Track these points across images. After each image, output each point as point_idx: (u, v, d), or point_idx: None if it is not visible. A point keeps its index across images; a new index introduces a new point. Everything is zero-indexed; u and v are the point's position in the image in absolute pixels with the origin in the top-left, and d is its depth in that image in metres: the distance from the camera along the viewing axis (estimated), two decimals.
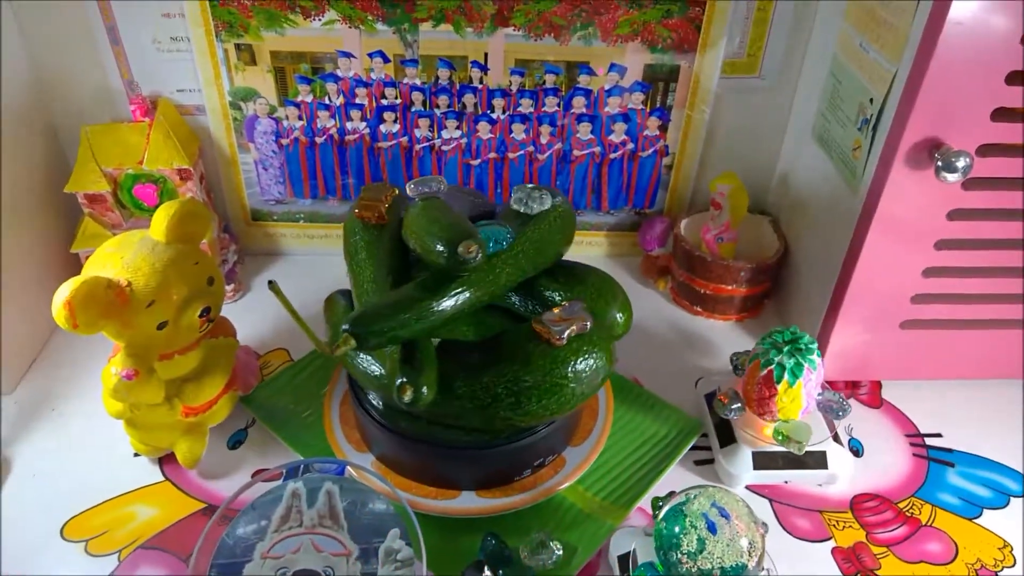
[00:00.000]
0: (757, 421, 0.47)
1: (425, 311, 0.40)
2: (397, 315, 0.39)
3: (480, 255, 0.39)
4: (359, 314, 0.39)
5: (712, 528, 0.36)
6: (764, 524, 0.41)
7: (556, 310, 0.42)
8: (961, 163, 0.43)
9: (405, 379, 0.39)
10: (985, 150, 0.44)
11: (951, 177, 0.44)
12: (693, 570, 0.36)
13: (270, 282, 0.36)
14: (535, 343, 0.41)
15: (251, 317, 0.60)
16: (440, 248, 0.40)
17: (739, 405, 0.47)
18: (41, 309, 0.53)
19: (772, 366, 0.44)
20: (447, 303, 0.41)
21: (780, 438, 0.47)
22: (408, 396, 0.38)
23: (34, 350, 0.57)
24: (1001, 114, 0.43)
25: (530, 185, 0.47)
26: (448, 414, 0.42)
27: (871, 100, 0.48)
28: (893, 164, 0.46)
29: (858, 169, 0.49)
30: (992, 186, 0.46)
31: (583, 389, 0.41)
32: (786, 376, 0.44)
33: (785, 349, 0.44)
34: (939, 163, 0.44)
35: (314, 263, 0.66)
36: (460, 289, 0.41)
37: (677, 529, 0.37)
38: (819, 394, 0.47)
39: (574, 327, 0.40)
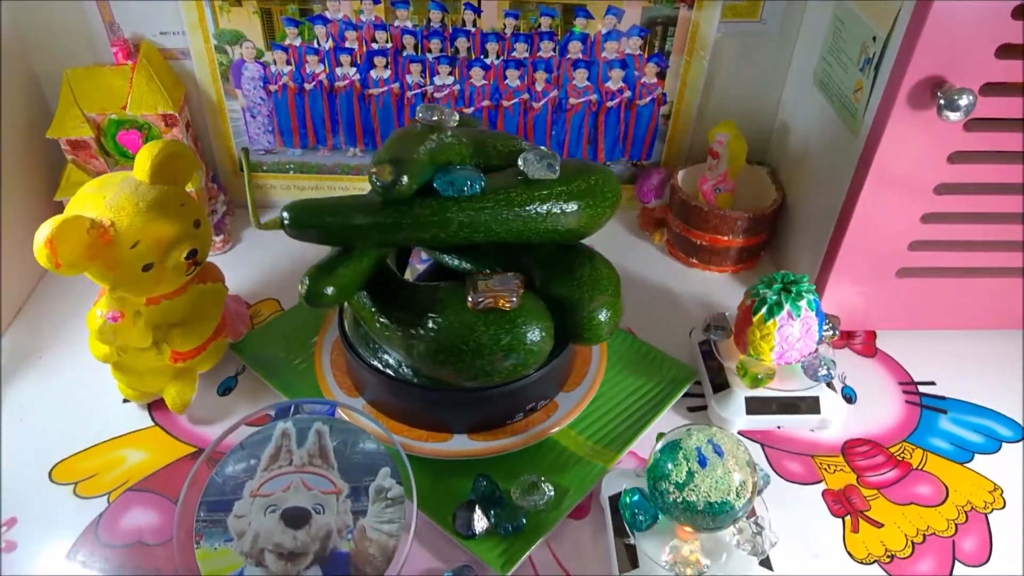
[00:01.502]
0: (734, 351, 0.48)
1: (346, 220, 0.41)
2: (323, 214, 0.41)
3: (394, 181, 0.39)
4: (298, 201, 0.42)
5: (702, 462, 0.36)
6: (766, 476, 0.41)
7: (493, 276, 0.41)
8: (964, 101, 0.42)
9: (307, 275, 0.41)
10: (988, 89, 0.44)
11: (953, 116, 0.43)
12: (679, 500, 0.36)
13: (243, 148, 0.41)
14: (456, 297, 0.41)
15: (241, 268, 0.59)
16: (371, 168, 0.40)
17: (724, 329, 0.48)
18: (26, 258, 0.53)
19: (757, 298, 0.45)
20: (365, 220, 0.41)
21: (740, 371, 0.47)
22: (302, 290, 0.40)
23: (19, 299, 0.56)
24: (1006, 51, 0.42)
25: (545, 150, 0.43)
26: (377, 334, 0.43)
27: (874, 38, 0.47)
28: (894, 104, 0.45)
29: (859, 111, 0.48)
30: (994, 127, 0.46)
31: (484, 365, 0.40)
32: (763, 311, 0.44)
33: (774, 286, 0.44)
34: (941, 101, 0.43)
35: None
36: (388, 213, 0.41)
37: (669, 460, 0.37)
38: (810, 354, 0.47)
39: (489, 300, 0.40)
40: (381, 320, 0.42)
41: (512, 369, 0.41)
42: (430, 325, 0.40)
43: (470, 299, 0.40)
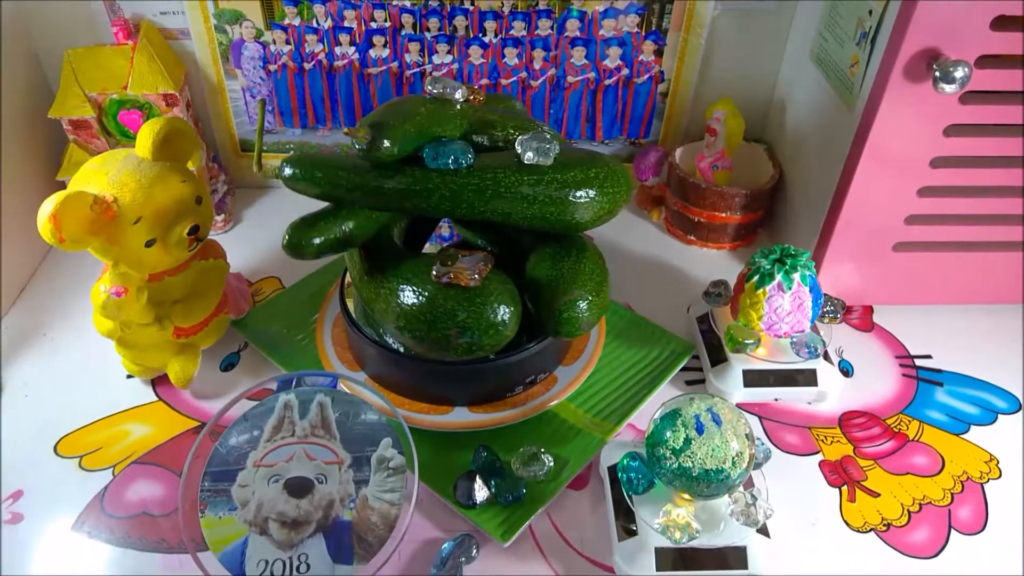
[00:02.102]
0: (728, 316, 0.49)
1: (334, 178, 0.42)
2: (314, 168, 0.43)
3: (371, 144, 0.40)
4: (299, 154, 0.44)
5: (700, 429, 0.37)
6: (767, 450, 0.41)
7: (466, 254, 0.42)
8: (959, 73, 0.43)
9: (291, 226, 0.42)
10: (984, 62, 0.44)
11: (949, 88, 0.43)
12: (675, 466, 0.36)
13: (261, 100, 0.42)
14: (425, 266, 0.41)
15: (242, 247, 0.59)
16: (346, 129, 0.41)
17: (723, 296, 0.49)
18: (29, 236, 0.53)
19: (753, 266, 0.45)
20: (349, 180, 0.42)
21: (727, 335, 0.48)
22: (284, 240, 0.42)
23: (23, 278, 0.57)
24: (1001, 23, 0.43)
25: (548, 135, 0.42)
26: (361, 291, 0.45)
27: (870, 12, 0.47)
28: (890, 78, 0.45)
29: (855, 85, 0.49)
30: (990, 100, 0.46)
31: (438, 338, 0.40)
32: (755, 279, 0.45)
33: (770, 257, 0.45)
34: (937, 74, 0.43)
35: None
36: (373, 176, 0.42)
37: (668, 427, 0.37)
38: (802, 332, 0.47)
39: (451, 276, 0.40)
40: (364, 278, 0.44)
41: (467, 347, 0.40)
42: (399, 291, 0.41)
43: (434, 271, 0.40)
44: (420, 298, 0.40)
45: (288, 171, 0.43)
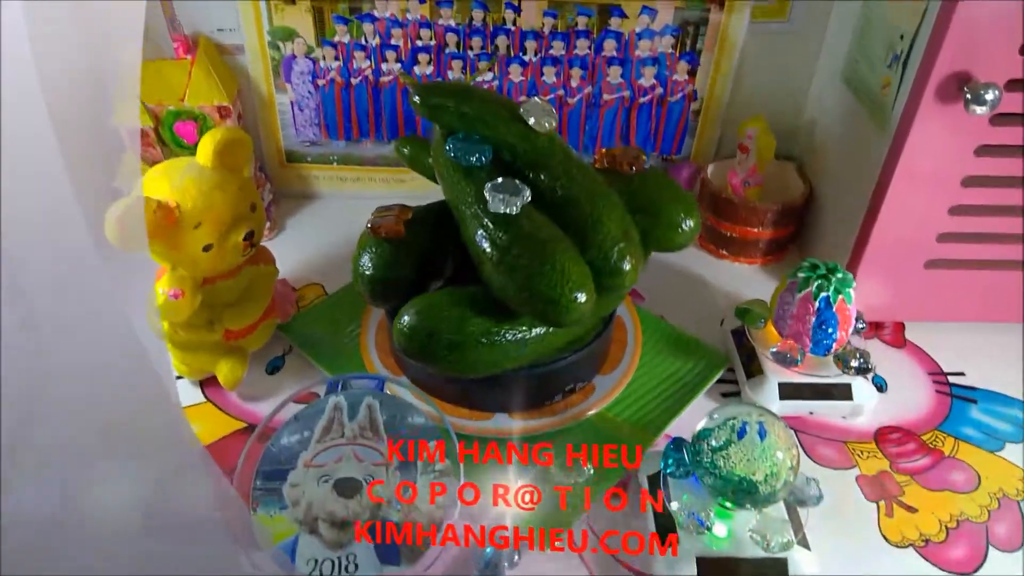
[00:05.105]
0: (767, 336, 0.50)
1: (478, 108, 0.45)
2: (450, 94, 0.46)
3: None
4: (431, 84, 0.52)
5: (741, 434, 0.37)
6: (818, 496, 0.39)
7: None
8: (990, 96, 0.44)
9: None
10: (1013, 85, 0.45)
11: (980, 110, 0.44)
12: (708, 462, 0.38)
13: (401, 71, 0.50)
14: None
15: (286, 255, 0.60)
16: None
17: (763, 316, 0.50)
18: None
19: (798, 280, 0.46)
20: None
21: (740, 311, 0.51)
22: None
23: None
24: None
25: (542, 101, 0.45)
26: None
27: (901, 36, 0.48)
28: (922, 99, 0.46)
29: (887, 106, 0.50)
30: (1020, 122, 0.47)
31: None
32: (798, 280, 0.46)
33: (816, 271, 0.46)
34: (968, 96, 0.44)
35: (347, 206, 0.67)
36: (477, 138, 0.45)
37: (717, 424, 0.38)
38: (798, 346, 0.48)
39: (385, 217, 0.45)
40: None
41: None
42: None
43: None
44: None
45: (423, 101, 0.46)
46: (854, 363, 0.48)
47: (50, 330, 0.32)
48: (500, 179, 0.42)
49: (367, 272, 0.45)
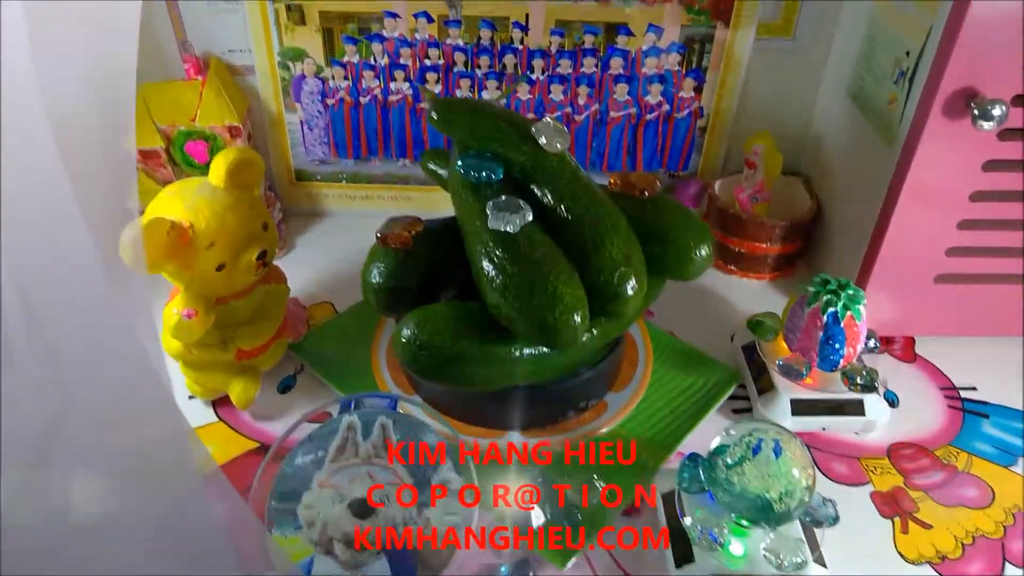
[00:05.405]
0: (777, 351, 0.50)
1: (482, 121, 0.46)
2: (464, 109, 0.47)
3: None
4: (448, 99, 0.52)
5: (756, 451, 0.37)
6: (834, 516, 0.39)
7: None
8: (997, 111, 0.44)
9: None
10: (1019, 100, 0.45)
11: (987, 125, 0.45)
12: (723, 477, 0.38)
13: (421, 87, 0.50)
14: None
15: (296, 274, 0.60)
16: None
17: (775, 329, 0.50)
18: None
19: (808, 294, 0.47)
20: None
21: (751, 322, 0.51)
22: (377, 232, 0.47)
23: None
24: None
25: (551, 122, 0.45)
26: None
27: (907, 53, 0.49)
28: (929, 115, 0.46)
29: (894, 122, 0.50)
30: None
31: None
32: (808, 295, 0.47)
33: (827, 287, 0.46)
34: (975, 112, 0.45)
35: (356, 223, 0.67)
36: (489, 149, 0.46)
37: (733, 440, 0.38)
38: (846, 367, 0.48)
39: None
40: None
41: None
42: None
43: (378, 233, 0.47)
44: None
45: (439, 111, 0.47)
46: (860, 380, 0.48)
47: (66, 352, 0.33)
48: (503, 197, 0.43)
49: (374, 281, 0.46)
